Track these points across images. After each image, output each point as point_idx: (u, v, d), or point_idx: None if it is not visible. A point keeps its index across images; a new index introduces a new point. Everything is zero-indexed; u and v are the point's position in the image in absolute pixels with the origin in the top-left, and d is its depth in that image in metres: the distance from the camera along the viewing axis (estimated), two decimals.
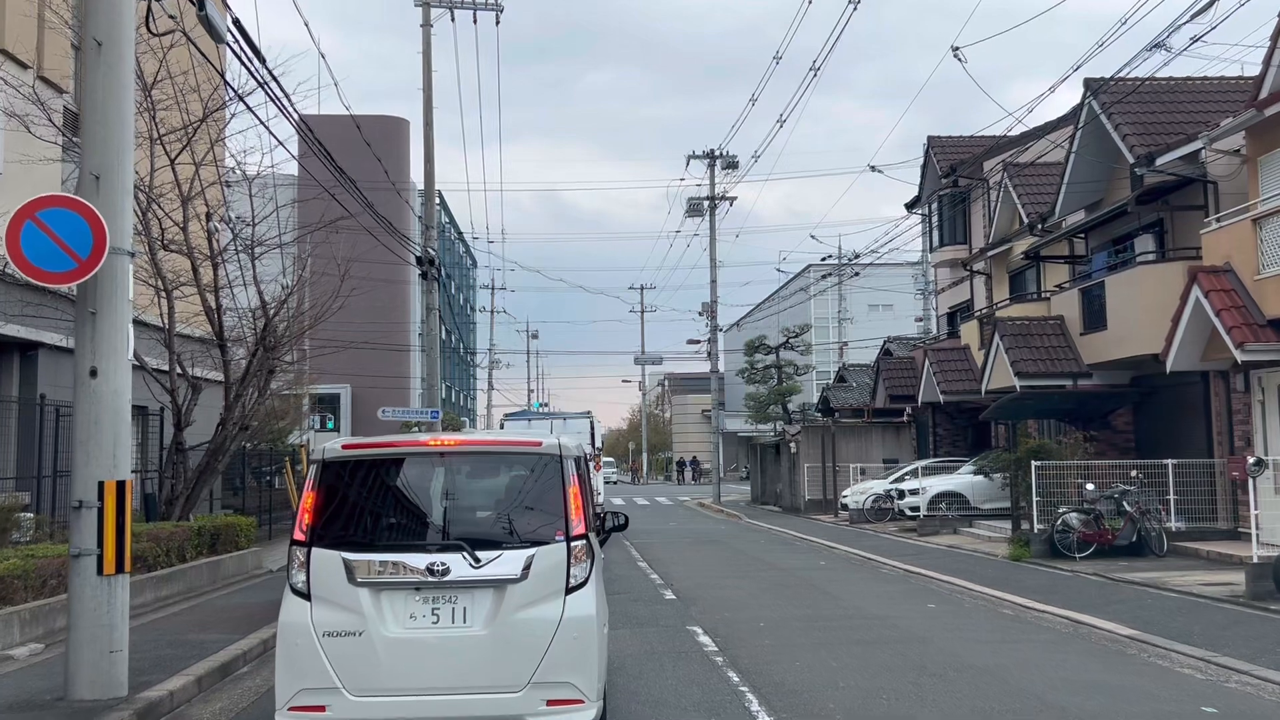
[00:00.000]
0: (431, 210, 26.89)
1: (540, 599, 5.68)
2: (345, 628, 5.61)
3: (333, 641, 5.60)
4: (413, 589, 5.67)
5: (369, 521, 5.99)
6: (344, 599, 5.64)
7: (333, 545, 5.73)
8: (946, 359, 26.13)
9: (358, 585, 5.64)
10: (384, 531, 5.98)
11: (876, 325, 62.13)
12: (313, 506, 5.84)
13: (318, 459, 6.00)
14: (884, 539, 22.32)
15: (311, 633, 5.63)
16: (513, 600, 5.65)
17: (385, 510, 6.09)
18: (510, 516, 6.00)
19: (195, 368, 16.71)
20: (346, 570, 5.65)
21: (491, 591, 5.67)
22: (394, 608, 5.67)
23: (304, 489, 5.97)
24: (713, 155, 40.49)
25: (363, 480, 6.03)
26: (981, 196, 28.31)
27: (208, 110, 16.10)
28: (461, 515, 6.06)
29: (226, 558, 15.41)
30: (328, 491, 5.90)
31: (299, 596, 5.75)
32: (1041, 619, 11.20)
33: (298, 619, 5.69)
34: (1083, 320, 20.12)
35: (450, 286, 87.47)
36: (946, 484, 23.20)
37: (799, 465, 32.93)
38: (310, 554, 5.74)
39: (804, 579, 15.17)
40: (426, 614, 5.67)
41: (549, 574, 5.71)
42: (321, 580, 5.69)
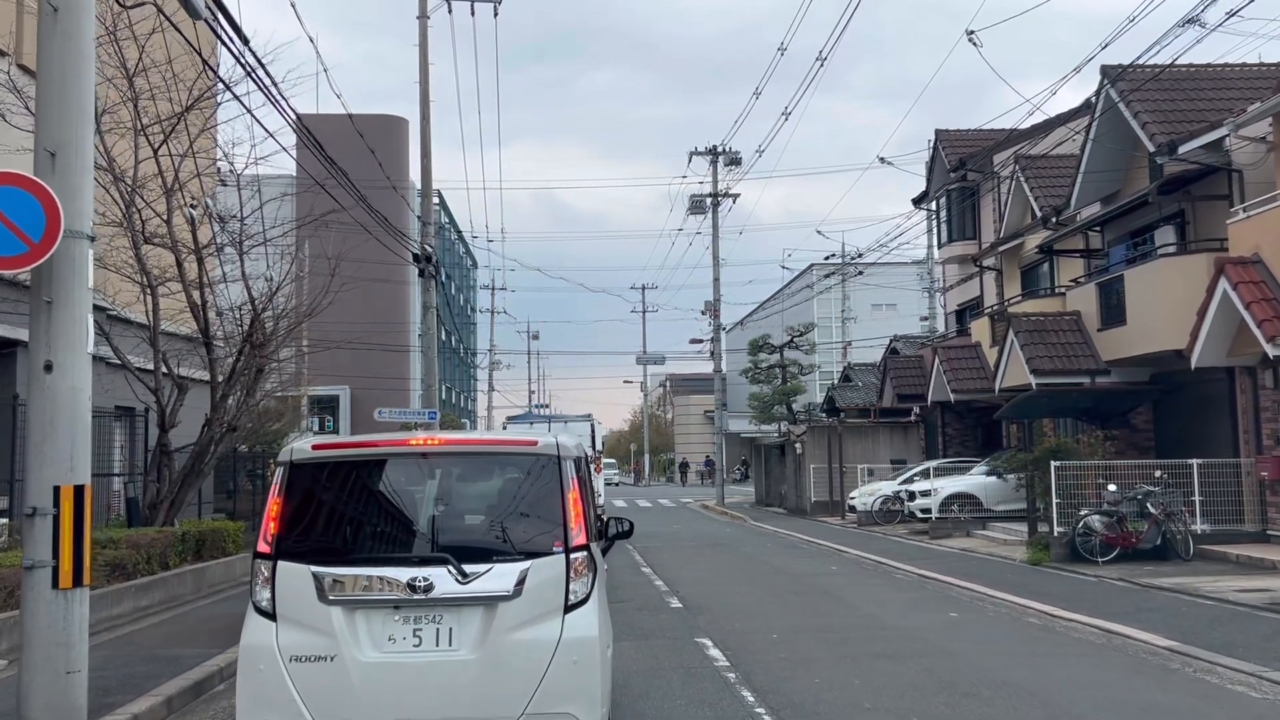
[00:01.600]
0: (428, 206, 26.25)
1: (536, 618, 5.11)
2: (315, 651, 5.06)
3: (301, 667, 5.05)
4: (392, 607, 5.11)
5: (342, 531, 5.43)
6: (314, 619, 5.09)
7: (301, 558, 5.18)
8: (957, 357, 25.48)
9: (329, 603, 5.09)
10: (359, 543, 5.41)
11: (880, 325, 61.63)
12: (279, 515, 5.28)
13: (285, 460, 5.43)
14: (894, 542, 21.66)
15: (277, 657, 5.07)
16: (505, 620, 5.08)
17: (361, 519, 5.49)
18: (502, 525, 5.43)
19: (181, 367, 16.08)
20: (317, 586, 5.10)
21: (481, 610, 5.11)
22: (370, 629, 5.12)
23: (269, 494, 5.44)
24: (715, 151, 39.81)
25: (336, 485, 5.45)
26: (991, 190, 27.66)
27: (193, 99, 15.49)
28: (448, 524, 5.49)
29: (213, 564, 14.77)
30: (296, 498, 5.34)
31: (263, 616, 5.20)
32: (1072, 629, 10.55)
33: (261, 641, 5.14)
34: (1100, 315, 19.47)
35: (450, 287, 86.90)
36: (959, 485, 22.54)
37: (804, 466, 32.27)
38: (276, 568, 5.20)
39: (816, 585, 14.52)
40: (407, 636, 5.11)
41: (546, 590, 5.14)
42: (288, 598, 5.14)
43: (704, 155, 40.04)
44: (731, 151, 39.78)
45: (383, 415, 25.84)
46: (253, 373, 16.35)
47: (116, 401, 16.40)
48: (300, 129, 14.65)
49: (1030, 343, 19.73)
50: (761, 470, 40.38)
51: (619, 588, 14.15)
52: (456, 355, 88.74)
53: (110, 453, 17.31)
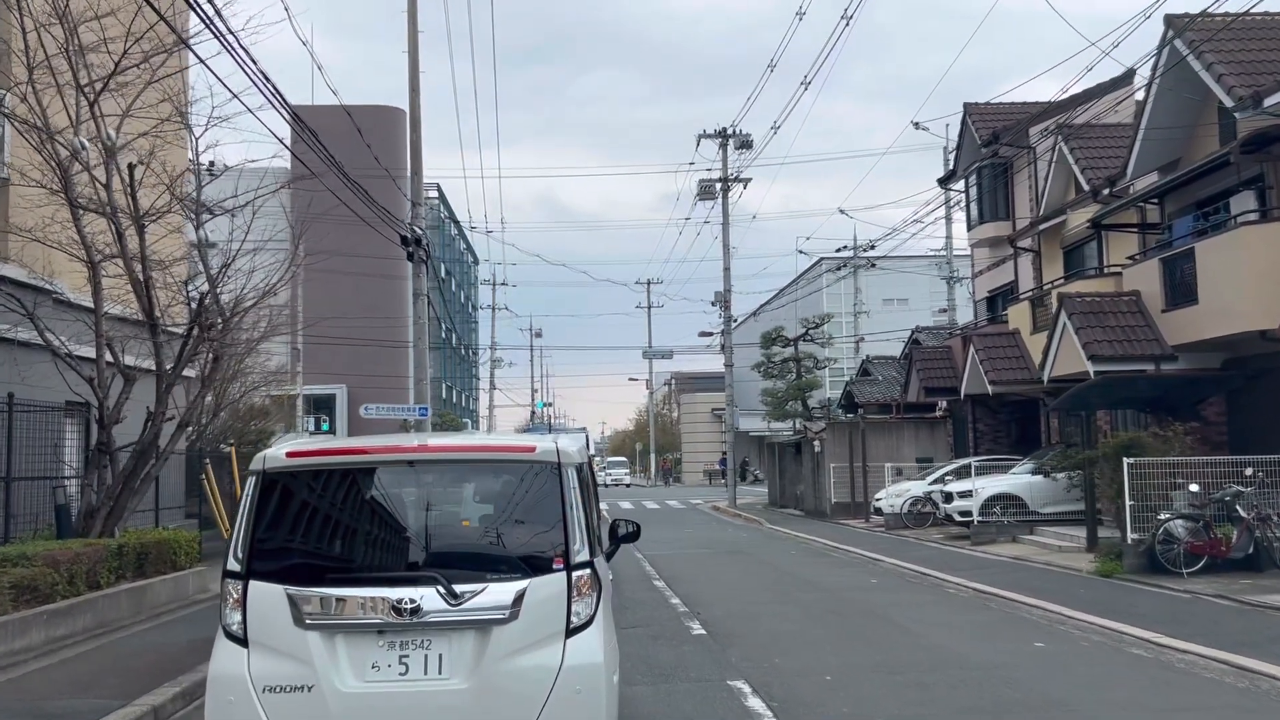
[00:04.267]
0: (418, 186, 24.20)
1: (535, 642, 4.63)
2: (291, 681, 4.57)
3: (275, 698, 4.56)
4: (375, 632, 4.64)
5: (321, 547, 4.93)
6: (289, 645, 4.60)
7: (275, 578, 4.68)
8: (993, 345, 23.37)
9: (306, 628, 4.60)
10: (339, 560, 4.91)
11: (892, 319, 59.80)
12: (250, 529, 4.77)
13: (257, 469, 4.89)
14: (932, 549, 19.58)
15: (249, 687, 4.58)
16: (500, 644, 4.61)
17: (342, 533, 4.98)
18: (498, 539, 4.95)
19: (134, 355, 14.08)
20: (292, 609, 4.61)
21: (474, 634, 4.63)
22: (352, 656, 4.62)
23: (240, 506, 4.88)
24: (725, 134, 37.73)
25: (313, 496, 4.93)
26: (1028, 166, 25.56)
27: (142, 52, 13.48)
28: (438, 538, 4.98)
29: (157, 582, 12.73)
30: (269, 510, 4.82)
31: (234, 642, 4.70)
32: (1194, 665, 8.48)
33: (232, 670, 4.65)
34: (1165, 295, 17.37)
35: (450, 283, 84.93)
36: (1001, 485, 20.43)
37: (823, 466, 30.17)
38: (247, 589, 4.70)
39: (859, 603, 12.44)
40: (393, 663, 4.62)
41: (546, 611, 4.65)
42: (261, 621, 4.65)
43: (713, 138, 37.97)
44: (742, 134, 37.69)
45: (369, 412, 23.80)
46: (207, 360, 14.33)
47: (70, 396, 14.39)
48: (265, 82, 12.66)
49: (1086, 325, 17.64)
50: (775, 470, 38.28)
51: (629, 607, 12.10)
52: (457, 353, 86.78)
53: (59, 453, 15.30)
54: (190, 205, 14.00)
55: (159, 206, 13.47)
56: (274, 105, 13.58)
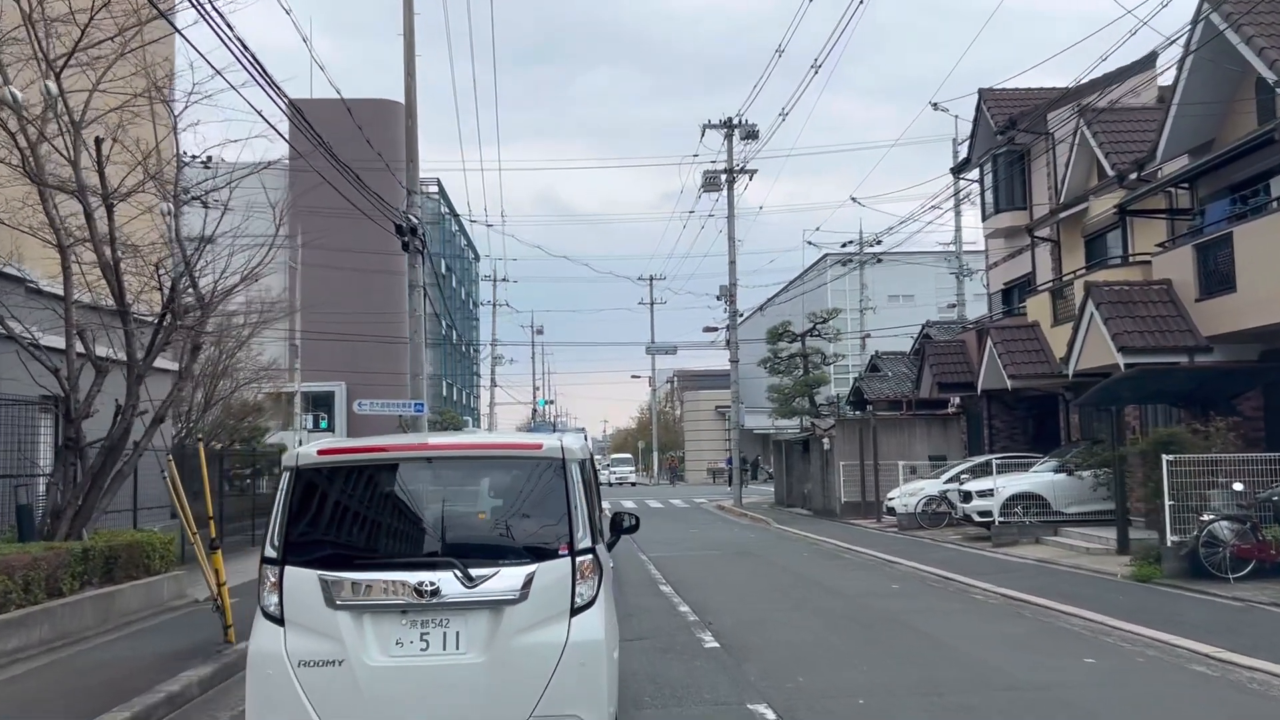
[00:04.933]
0: (414, 173, 23.31)
1: (542, 621, 5.07)
2: (323, 656, 5.01)
3: (309, 672, 5.00)
4: (399, 612, 5.06)
5: (349, 536, 5.38)
6: (321, 624, 5.04)
7: (308, 564, 5.13)
8: (1012, 339, 22.45)
9: (336, 608, 5.04)
10: (366, 547, 5.35)
11: (898, 315, 59.14)
12: (285, 520, 5.23)
13: (290, 465, 5.38)
14: (951, 550, 18.68)
15: (285, 662, 5.02)
16: (511, 623, 5.05)
17: (367, 523, 5.45)
18: (508, 528, 5.39)
19: (107, 346, 13.19)
20: (324, 591, 5.05)
21: (487, 613, 5.07)
22: (378, 633, 5.06)
23: (276, 499, 5.35)
24: (730, 124, 36.81)
25: (341, 489, 5.40)
26: (1046, 153, 24.64)
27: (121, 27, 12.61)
28: (454, 527, 5.41)
29: (127, 588, 11.85)
30: (302, 503, 5.29)
31: (271, 621, 5.13)
32: (1269, 686, 7.58)
33: (270, 647, 5.08)
34: (1199, 283, 16.47)
35: (451, 280, 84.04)
36: (1023, 484, 19.51)
37: (833, 464, 29.25)
38: (283, 573, 5.14)
39: (882, 611, 11.53)
40: (414, 640, 5.06)
41: (552, 593, 5.10)
42: (296, 603, 5.09)
43: (718, 129, 37.04)
44: (748, 124, 36.76)
45: (362, 407, 22.94)
46: (185, 351, 13.44)
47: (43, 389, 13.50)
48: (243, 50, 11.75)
49: (1115, 316, 16.73)
50: (782, 468, 37.36)
51: (634, 615, 11.22)
52: (458, 350, 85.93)
53: (33, 450, 14.42)
54: (166, 185, 13.07)
55: (130, 185, 12.56)
56: (256, 80, 12.67)
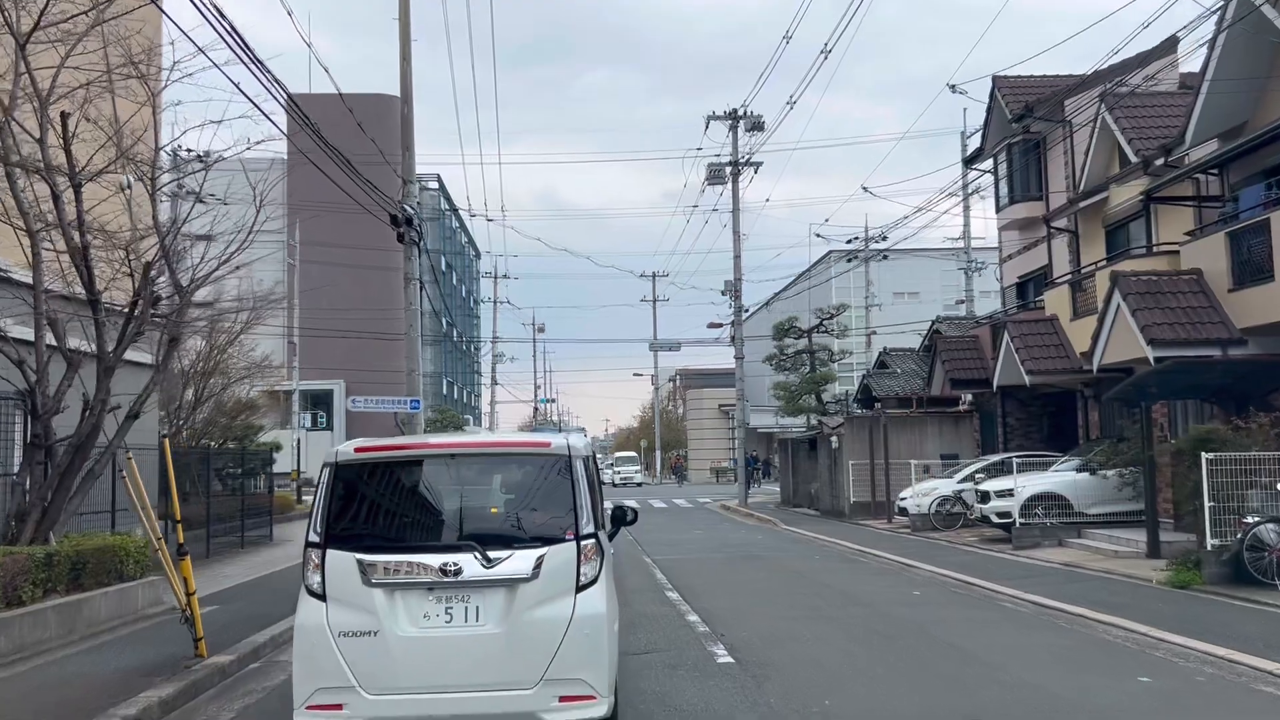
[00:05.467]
0: (410, 162, 22.51)
1: (551, 597, 5.62)
2: (360, 628, 5.57)
3: (348, 641, 5.56)
4: (426, 589, 5.62)
5: (382, 523, 5.99)
6: (359, 599, 5.60)
7: (347, 547, 5.70)
8: (1030, 333, 21.63)
9: (372, 586, 5.60)
10: (397, 532, 5.96)
11: (903, 313, 58.42)
12: (326, 509, 5.82)
13: (330, 461, 5.97)
14: (970, 554, 17.88)
15: (327, 633, 5.59)
16: (524, 599, 5.60)
17: (398, 511, 6.06)
18: (521, 516, 6.00)
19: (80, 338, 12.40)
20: (361, 571, 5.62)
21: (503, 590, 5.62)
22: (408, 607, 5.62)
23: (316, 492, 5.97)
24: (735, 115, 35.99)
25: (375, 482, 6.02)
26: (1063, 141, 23.84)
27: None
28: (473, 515, 6.05)
29: (97, 595, 11.06)
30: (340, 493, 5.88)
31: (314, 598, 5.70)
32: None
33: (314, 620, 5.65)
34: (1232, 273, 15.67)
35: (451, 277, 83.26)
36: (1044, 484, 18.69)
37: (842, 463, 28.44)
38: (325, 556, 5.72)
39: (908, 622, 10.72)
40: (440, 613, 5.61)
41: (559, 572, 5.65)
42: (336, 581, 5.66)
43: (723, 120, 36.23)
44: (753, 115, 35.93)
45: (356, 404, 22.19)
46: (162, 343, 12.63)
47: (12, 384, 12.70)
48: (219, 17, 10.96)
49: (1144, 307, 15.92)
50: (788, 467, 36.55)
51: (640, 625, 10.43)
52: (459, 348, 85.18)
53: (6, 449, 13.66)
54: (141, 164, 12.26)
55: (99, 163, 11.75)
56: (241, 58, 11.92)
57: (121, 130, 11.61)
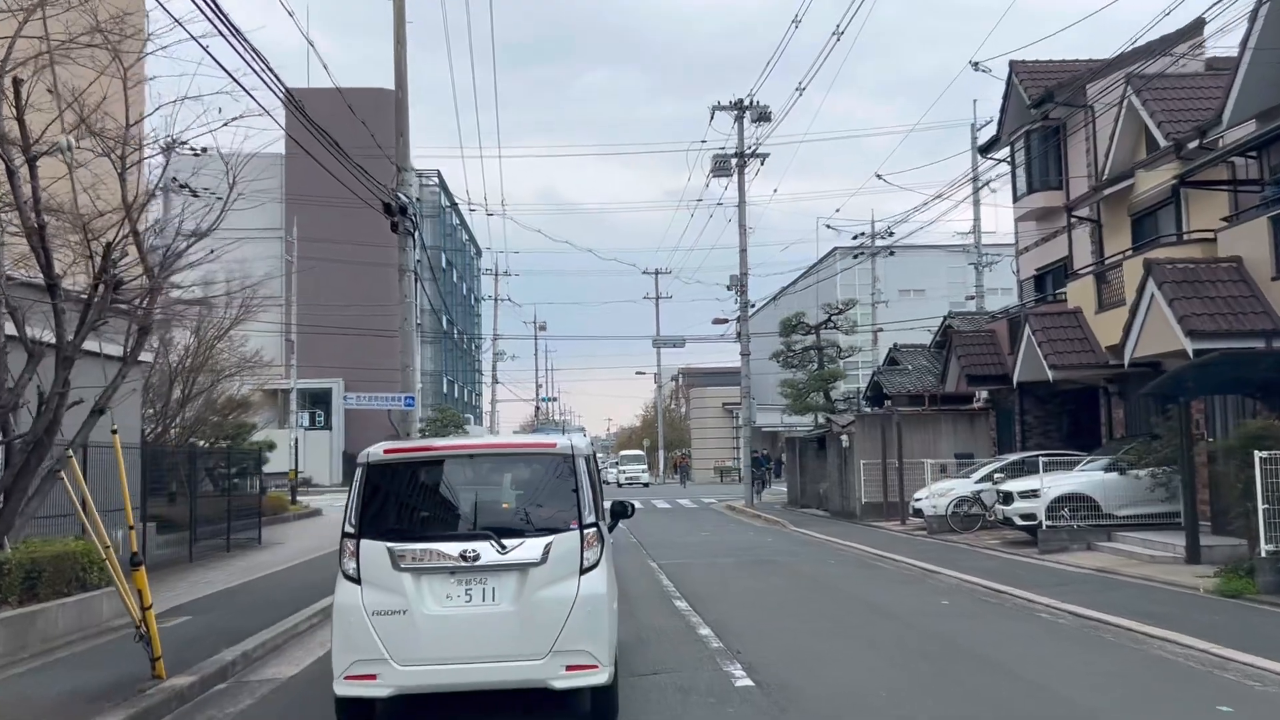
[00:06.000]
0: (404, 148, 21.58)
1: (558, 579, 6.31)
2: (391, 607, 6.24)
3: (381, 619, 6.24)
4: (448, 573, 6.31)
5: (409, 515, 6.74)
6: (389, 583, 6.28)
7: (378, 536, 6.39)
8: (1053, 326, 20.67)
9: (401, 571, 6.29)
10: (422, 524, 6.69)
11: (909, 310, 57.52)
12: (359, 503, 6.52)
13: (363, 461, 6.64)
14: (993, 558, 16.93)
15: (362, 612, 6.26)
16: (534, 581, 6.29)
17: (423, 505, 6.84)
18: (531, 508, 6.70)
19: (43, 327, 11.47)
20: (391, 558, 6.30)
21: (516, 574, 6.31)
22: (432, 589, 6.31)
23: (351, 489, 6.64)
24: (741, 105, 35.03)
25: (403, 479, 6.80)
26: (1084, 127, 22.87)
27: None
28: (489, 508, 6.82)
29: (53, 607, 10.15)
30: (372, 490, 6.59)
31: (350, 581, 6.38)
32: None
33: (350, 601, 6.34)
34: (1276, 260, 14.73)
35: (452, 274, 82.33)
36: (1072, 484, 17.73)
37: (852, 462, 27.49)
38: (359, 545, 6.40)
39: (942, 636, 9.78)
40: (461, 594, 6.30)
41: (565, 557, 6.35)
42: (370, 567, 6.34)
43: (728, 110, 35.27)
44: (759, 106, 34.97)
45: (349, 402, 21.36)
46: (131, 334, 11.69)
47: None
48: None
49: (1181, 296, 14.98)
50: (796, 467, 35.60)
51: (646, 641, 9.49)
52: (459, 347, 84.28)
53: None
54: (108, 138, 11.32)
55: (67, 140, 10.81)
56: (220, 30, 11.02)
57: (82, 99, 10.62)
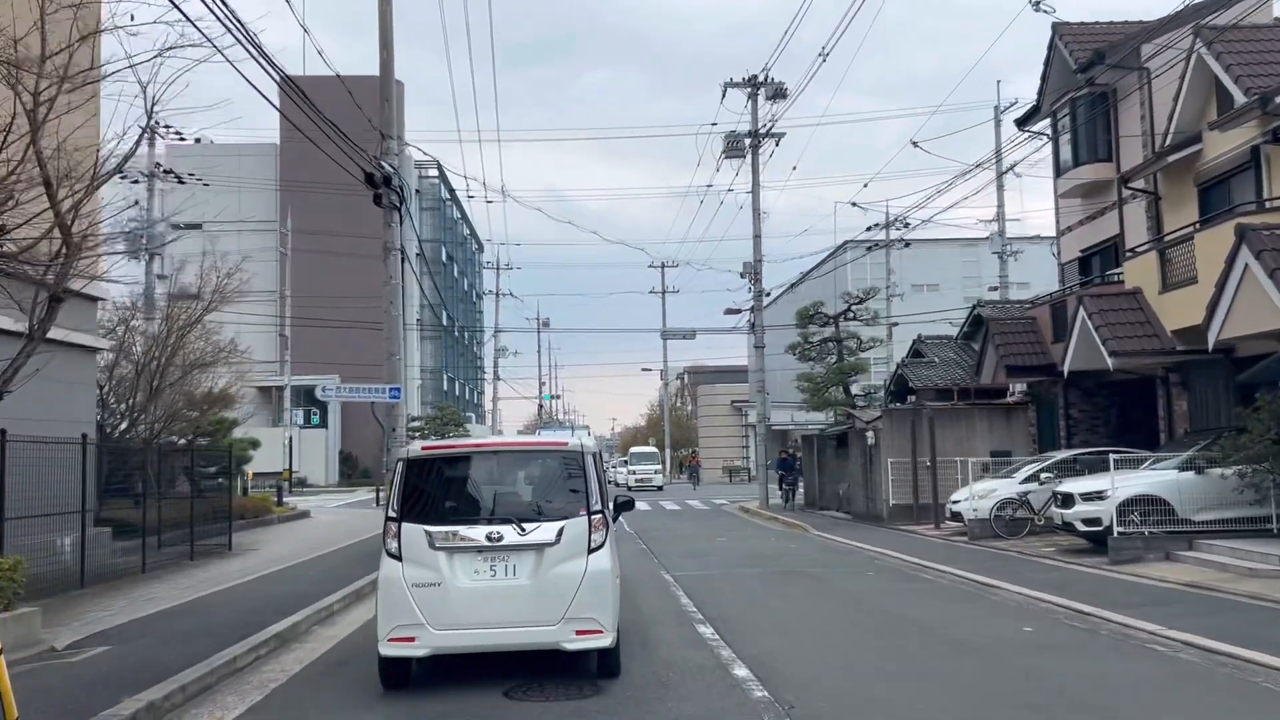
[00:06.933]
0: (389, 113, 19.53)
1: (570, 557, 7.49)
2: (427, 580, 7.44)
3: (419, 590, 7.42)
4: (476, 551, 7.49)
5: (443, 502, 7.88)
6: (426, 559, 7.48)
7: (417, 520, 7.61)
8: (1111, 308, 18.55)
9: (435, 549, 7.49)
10: (454, 510, 7.84)
11: (922, 304, 55.76)
12: (401, 492, 7.76)
13: (403, 457, 8.01)
14: (1055, 568, 14.85)
15: (403, 584, 7.46)
16: (550, 559, 7.47)
17: (455, 494, 8.02)
18: (547, 497, 7.87)
19: None
20: (428, 539, 7.50)
21: (534, 553, 7.50)
22: (463, 565, 7.49)
23: (393, 481, 7.93)
24: (755, 82, 32.92)
25: (438, 472, 8.00)
26: (1138, 90, 20.77)
27: None
28: (511, 497, 8.05)
29: None
30: (412, 481, 7.82)
31: (393, 559, 7.58)
32: None
33: (394, 575, 7.53)
34: None
35: (453, 269, 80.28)
36: (1144, 485, 15.63)
37: (879, 461, 25.38)
38: (401, 527, 7.61)
39: (1047, 679, 7.67)
40: (487, 570, 7.48)
41: (576, 539, 7.53)
42: (409, 546, 7.53)
43: (741, 88, 33.17)
44: (774, 82, 32.86)
45: (329, 394, 19.25)
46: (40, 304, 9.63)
47: None
48: None
49: None
50: (813, 466, 33.48)
51: (667, 684, 7.46)
52: (460, 343, 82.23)
53: None
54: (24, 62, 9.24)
55: None
56: None
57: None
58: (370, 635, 8.04)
